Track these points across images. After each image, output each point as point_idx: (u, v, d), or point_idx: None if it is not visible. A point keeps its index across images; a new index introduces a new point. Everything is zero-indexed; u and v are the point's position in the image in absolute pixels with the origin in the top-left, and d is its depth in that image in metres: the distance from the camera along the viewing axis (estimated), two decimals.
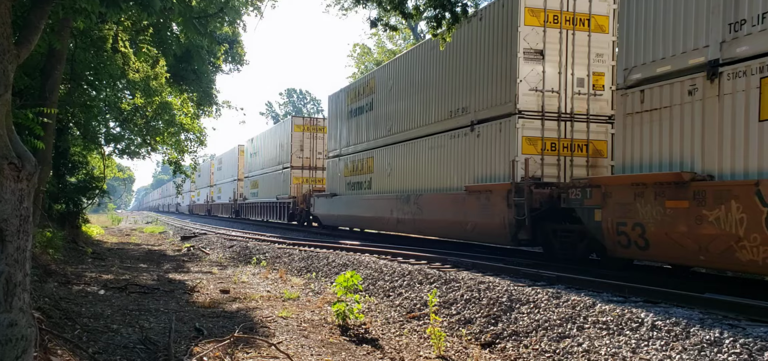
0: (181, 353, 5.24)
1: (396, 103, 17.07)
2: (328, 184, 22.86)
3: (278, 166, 30.30)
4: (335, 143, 22.36)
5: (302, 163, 28.44)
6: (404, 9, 9.53)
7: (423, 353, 5.71)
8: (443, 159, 14.11)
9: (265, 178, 33.43)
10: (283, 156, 29.56)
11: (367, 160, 18.97)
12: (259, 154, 35.63)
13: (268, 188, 32.43)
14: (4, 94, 3.40)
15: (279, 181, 29.92)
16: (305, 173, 28.43)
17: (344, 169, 21.04)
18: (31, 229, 3.49)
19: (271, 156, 32.30)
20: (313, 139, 28.77)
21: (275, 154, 31.17)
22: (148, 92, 15.45)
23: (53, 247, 11.03)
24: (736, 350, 4.43)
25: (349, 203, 20.37)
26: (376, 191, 18.12)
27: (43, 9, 4.57)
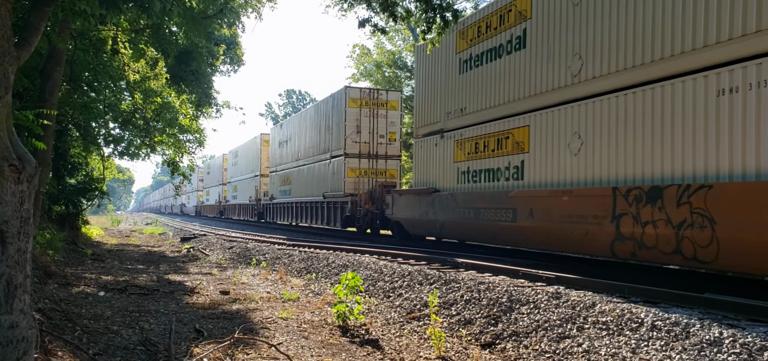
0: (181, 354, 5.24)
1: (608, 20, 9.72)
2: (421, 175, 15.85)
3: (323, 155, 24.18)
4: (436, 114, 15.18)
5: (359, 151, 21.78)
6: (395, 11, 9.54)
7: (423, 354, 5.71)
8: None
9: (303, 173, 26.92)
10: (331, 142, 23.25)
11: (516, 133, 11.88)
12: (292, 143, 29.26)
13: (307, 185, 26.24)
14: (4, 96, 3.41)
15: (325, 174, 23.66)
16: (363, 163, 21.89)
17: (457, 152, 14.05)
18: (32, 230, 3.49)
19: (311, 143, 26.08)
20: (374, 118, 21.94)
21: (317, 140, 25.17)
22: (147, 93, 15.45)
23: (53, 248, 11.03)
24: (736, 350, 4.44)
25: (469, 205, 13.25)
26: (538, 183, 11.21)
27: (42, 11, 4.58)
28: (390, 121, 22.34)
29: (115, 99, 15.66)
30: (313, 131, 25.94)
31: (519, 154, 11.86)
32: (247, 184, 38.67)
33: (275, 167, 32.26)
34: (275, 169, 32.25)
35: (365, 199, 20.33)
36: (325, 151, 24.10)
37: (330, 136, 23.46)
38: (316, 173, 25.12)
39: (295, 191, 28.18)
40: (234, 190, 43.58)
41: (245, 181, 39.49)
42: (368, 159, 22.09)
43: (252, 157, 37.81)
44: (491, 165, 12.81)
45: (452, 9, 9.11)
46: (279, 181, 31.31)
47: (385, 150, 22.34)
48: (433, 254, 12.07)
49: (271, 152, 33.79)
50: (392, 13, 9.24)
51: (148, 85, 15.28)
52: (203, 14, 10.61)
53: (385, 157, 22.31)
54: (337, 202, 22.29)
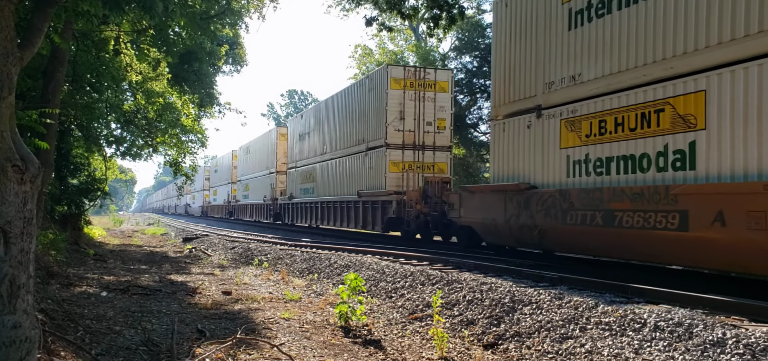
0: (183, 354, 5.24)
1: None
2: (503, 167, 12.07)
3: (356, 147, 20.99)
4: (528, 86, 11.52)
5: (402, 141, 18.68)
6: (402, 9, 9.56)
7: (425, 354, 5.71)
8: None
9: (330, 169, 23.77)
10: (367, 131, 20.09)
11: (680, 102, 8.47)
12: (316, 134, 26.06)
13: (335, 182, 23.12)
14: (7, 97, 3.41)
15: (360, 170, 20.56)
16: (408, 156, 18.69)
17: (566, 135, 10.47)
18: (35, 231, 3.50)
19: (340, 134, 22.88)
20: (420, 101, 18.77)
21: (348, 130, 21.95)
22: (149, 93, 15.49)
23: (55, 248, 11.05)
24: (739, 351, 4.43)
25: (594, 206, 9.51)
26: (722, 174, 7.86)
27: (45, 12, 4.59)
28: (439, 106, 18.92)
29: (118, 99, 15.70)
30: (344, 120, 22.52)
31: (685, 132, 8.27)
32: (261, 182, 35.35)
33: (294, 163, 28.89)
34: (295, 165, 28.85)
35: (416, 198, 16.57)
36: (358, 143, 20.74)
37: (365, 125, 20.20)
38: (347, 169, 21.82)
39: (320, 190, 24.83)
40: (245, 188, 40.07)
41: (258, 179, 36.18)
42: (413, 151, 18.64)
43: (266, 153, 34.43)
44: (631, 150, 9.09)
45: (459, 6, 9.12)
46: (300, 178, 27.80)
47: (433, 140, 18.95)
48: (436, 254, 12.06)
49: (289, 147, 30.39)
50: (399, 10, 9.26)
51: (150, 85, 15.31)
52: (206, 14, 10.63)
53: (433, 148, 18.89)
54: (377, 201, 18.79)
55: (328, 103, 24.77)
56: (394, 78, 18.73)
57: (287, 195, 29.81)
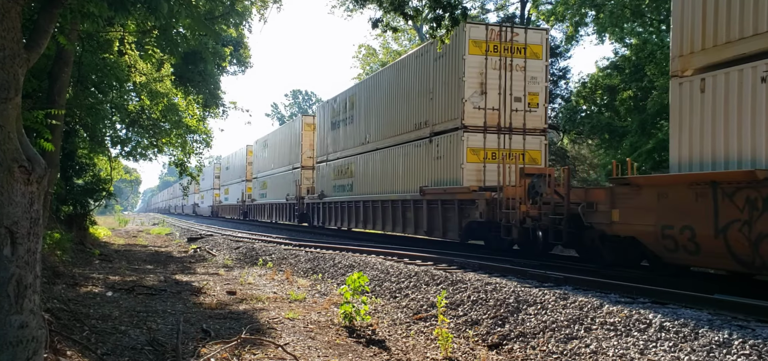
0: (188, 354, 5.26)
1: None
2: (701, 147, 7.91)
3: (416, 132, 16.60)
4: (757, 17, 7.24)
5: (484, 122, 14.32)
6: (404, 10, 9.58)
7: (430, 355, 5.71)
8: None
9: (374, 161, 19.61)
10: (433, 112, 15.74)
11: None
12: (354, 121, 21.85)
13: (382, 177, 18.93)
14: (14, 98, 3.43)
15: (422, 160, 16.13)
16: (490, 141, 14.45)
17: None
18: (41, 231, 3.52)
19: (389, 118, 18.45)
20: (507, 71, 14.47)
21: (402, 113, 17.52)
22: (154, 94, 15.54)
23: (61, 249, 11.10)
24: (746, 352, 4.41)
25: None
26: None
27: (51, 13, 4.61)
28: (530, 76, 14.70)
29: (122, 100, 15.77)
30: (394, 101, 18.19)
31: None
32: (283, 179, 30.97)
33: (325, 156, 24.81)
34: (325, 159, 24.76)
35: (520, 196, 11.75)
36: (418, 127, 16.51)
37: (429, 105, 15.87)
38: (401, 161, 17.52)
39: (360, 186, 20.81)
40: (262, 186, 35.95)
41: (279, 175, 31.85)
42: (498, 135, 14.42)
43: (289, 146, 30.22)
44: None
45: (461, 6, 9.13)
46: (333, 173, 23.71)
47: (522, 121, 14.63)
48: (440, 254, 12.05)
49: (318, 138, 26.32)
50: (402, 11, 9.27)
51: (154, 86, 15.37)
52: (210, 15, 10.66)
53: (523, 131, 14.63)
54: (451, 201, 14.39)
55: (371, 82, 20.31)
56: (473, 40, 14.31)
57: (316, 193, 25.45)
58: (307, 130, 28.50)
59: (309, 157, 28.22)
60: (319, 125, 26.66)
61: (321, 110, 26.63)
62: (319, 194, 25.14)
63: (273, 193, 33.45)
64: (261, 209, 36.63)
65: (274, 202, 32.96)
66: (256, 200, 37.63)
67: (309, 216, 27.42)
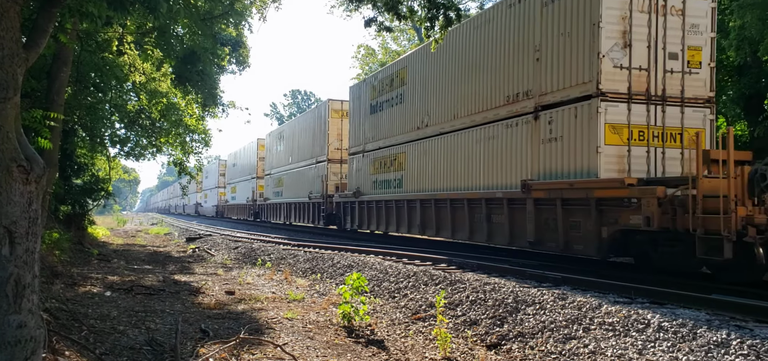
0: (187, 354, 5.26)
1: None
2: None
3: (509, 106, 12.53)
4: None
5: (628, 87, 10.34)
6: (398, 10, 9.58)
7: (428, 355, 5.71)
8: None
9: (434, 149, 15.56)
10: (540, 76, 11.62)
11: None
12: (403, 104, 17.45)
13: (447, 168, 14.88)
14: (13, 97, 3.43)
15: (522, 144, 12.05)
16: (638, 115, 10.46)
17: None
18: (40, 231, 3.52)
19: (463, 92, 14.31)
20: (660, 17, 10.46)
21: (484, 83, 13.45)
22: (153, 94, 15.53)
23: (60, 248, 11.09)
24: (744, 352, 4.41)
25: None
26: None
27: (50, 13, 4.61)
28: (690, 25, 10.58)
29: (121, 100, 15.76)
30: (474, 68, 13.73)
31: None
32: (303, 175, 27.26)
33: (362, 146, 20.66)
34: (362, 150, 20.66)
35: (737, 194, 7.75)
36: (517, 99, 12.21)
37: (536, 67, 11.65)
38: (482, 147, 13.32)
39: (413, 182, 16.55)
40: (277, 184, 32.04)
41: (298, 172, 28.04)
42: (647, 105, 10.34)
43: (312, 137, 26.38)
44: None
45: (455, 7, 9.13)
46: (371, 167, 19.74)
47: (679, 86, 10.52)
48: (439, 254, 12.05)
49: (351, 126, 22.08)
50: (396, 11, 9.27)
51: (153, 86, 15.36)
52: (209, 15, 10.65)
53: (681, 101, 10.52)
54: (583, 201, 10.26)
55: (430, 51, 14.77)
56: None
57: (350, 190, 21.29)
58: (335, 117, 24.25)
59: (337, 149, 24.22)
60: (353, 111, 22.18)
61: (356, 91, 21.99)
62: (354, 192, 20.82)
63: (291, 191, 29.25)
64: (275, 209, 32.62)
65: (293, 201, 28.78)
66: (269, 199, 33.59)
67: (339, 217, 22.80)
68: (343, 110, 24.16)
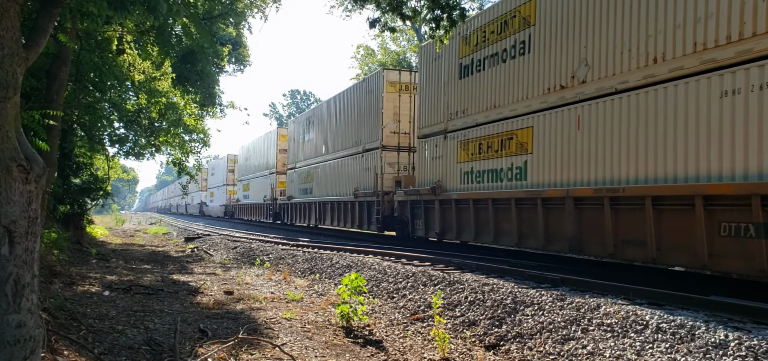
0: (185, 353, 5.26)
1: None
2: None
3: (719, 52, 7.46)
4: None
5: None
6: (403, 11, 9.59)
7: (427, 355, 5.72)
8: None
9: (590, 115, 9.95)
10: None
11: None
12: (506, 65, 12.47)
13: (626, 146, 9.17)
14: (13, 97, 3.43)
15: None
16: None
17: None
18: (39, 230, 3.52)
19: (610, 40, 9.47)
20: None
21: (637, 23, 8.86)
22: (152, 93, 15.51)
23: (58, 248, 11.08)
24: (742, 353, 4.43)
25: None
26: None
27: (50, 12, 4.61)
28: None
29: (120, 99, 15.73)
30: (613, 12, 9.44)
31: None
32: (344, 168, 21.89)
33: (444, 125, 14.96)
34: (444, 130, 14.95)
35: None
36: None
37: None
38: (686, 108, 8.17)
39: (549, 168, 11.08)
40: (304, 179, 26.81)
41: (336, 163, 22.71)
42: None
43: (357, 120, 20.84)
44: None
45: (459, 7, 9.15)
46: (461, 151, 14.05)
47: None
48: (437, 255, 12.06)
49: (423, 99, 16.21)
50: (400, 12, 9.28)
51: (153, 85, 15.35)
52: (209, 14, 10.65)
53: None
54: None
55: None
56: None
57: (428, 184, 15.34)
58: (391, 92, 18.51)
59: (393, 133, 18.61)
60: (425, 79, 16.14)
61: (431, 52, 15.80)
62: (433, 188, 15.02)
63: (325, 187, 23.92)
64: (303, 210, 27.09)
65: (329, 199, 23.20)
66: (294, 198, 28.22)
67: (404, 221, 17.15)
68: (402, 83, 18.72)
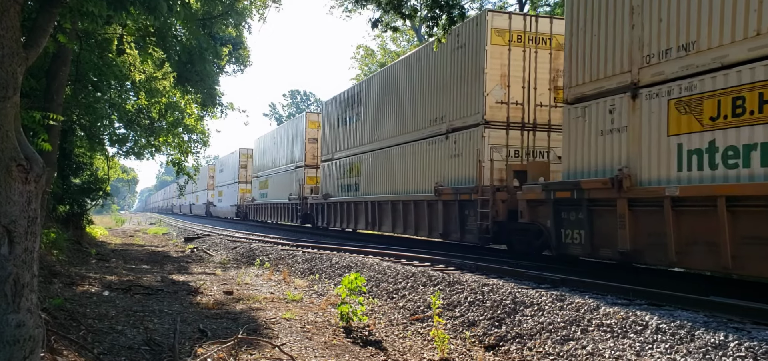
0: (185, 353, 5.26)
1: None
2: None
3: None
4: None
5: None
6: (402, 10, 9.61)
7: (426, 355, 5.72)
8: None
9: None
10: None
11: None
12: None
13: None
14: (12, 97, 3.43)
15: None
16: None
17: None
18: (39, 230, 3.52)
19: None
20: None
21: None
22: (152, 93, 15.51)
23: (58, 248, 11.08)
24: (742, 354, 4.43)
25: None
26: None
27: (51, 12, 4.61)
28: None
29: (120, 99, 15.73)
30: None
31: None
32: (407, 158, 16.63)
33: (659, 65, 8.32)
34: (658, 76, 8.30)
35: None
36: None
37: None
38: None
39: None
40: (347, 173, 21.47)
41: (396, 152, 17.38)
42: None
43: (434, 88, 15.27)
44: None
45: (458, 6, 9.16)
46: (687, 115, 7.85)
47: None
48: (437, 255, 12.06)
49: (578, 41, 9.79)
50: (399, 11, 9.31)
51: (153, 85, 15.34)
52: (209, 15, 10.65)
53: None
54: None
55: None
56: None
57: (601, 171, 9.31)
58: (499, 43, 12.96)
59: (500, 104, 13.03)
60: (584, 13, 10.12)
61: None
62: (615, 178, 8.97)
63: (384, 182, 18.15)
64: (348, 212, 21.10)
65: (393, 197, 17.25)
66: (332, 196, 22.91)
67: (550, 231, 10.78)
68: (513, 32, 13.15)
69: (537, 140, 13.28)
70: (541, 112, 13.38)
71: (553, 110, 13.36)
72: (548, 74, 13.37)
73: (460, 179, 13.79)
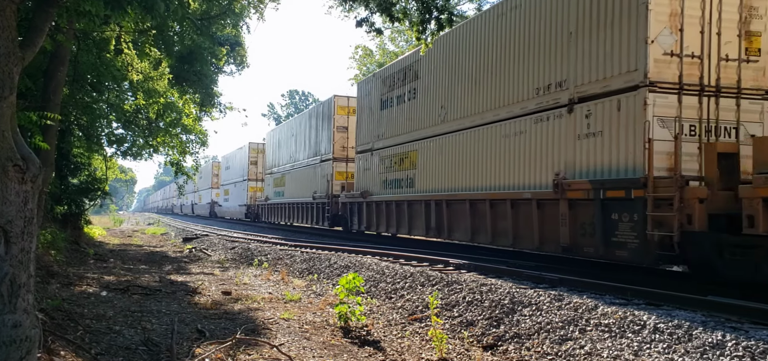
0: (183, 354, 5.25)
1: None
2: None
3: None
4: None
5: None
6: (392, 12, 9.58)
7: (425, 355, 5.71)
8: None
9: None
10: None
11: None
12: None
13: None
14: (9, 97, 3.42)
15: None
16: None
17: None
18: (36, 230, 3.51)
19: None
20: None
21: None
22: (150, 93, 15.48)
23: (55, 248, 11.06)
24: (739, 353, 4.43)
25: None
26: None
27: (47, 12, 4.60)
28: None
29: (118, 99, 15.70)
30: None
31: None
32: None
33: None
34: None
35: None
36: None
37: None
38: None
39: None
40: (394, 166, 17.82)
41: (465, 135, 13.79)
42: None
43: (547, 46, 11.00)
44: None
45: (448, 11, 9.14)
46: None
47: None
48: (435, 255, 12.06)
49: None
50: (389, 13, 9.28)
51: (150, 85, 15.32)
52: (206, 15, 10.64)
53: None
54: None
55: None
56: None
57: None
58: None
59: (668, 56, 8.96)
60: None
61: None
62: None
63: (441, 178, 14.91)
64: (398, 213, 17.21)
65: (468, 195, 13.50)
66: (373, 195, 19.10)
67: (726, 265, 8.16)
68: None
69: (721, 110, 9.10)
70: (727, 69, 9.07)
71: (743, 67, 9.10)
72: (738, 13, 9.05)
73: (600, 169, 9.67)
